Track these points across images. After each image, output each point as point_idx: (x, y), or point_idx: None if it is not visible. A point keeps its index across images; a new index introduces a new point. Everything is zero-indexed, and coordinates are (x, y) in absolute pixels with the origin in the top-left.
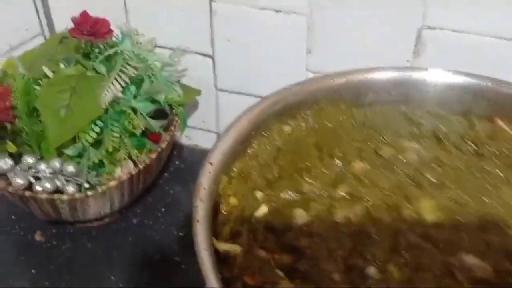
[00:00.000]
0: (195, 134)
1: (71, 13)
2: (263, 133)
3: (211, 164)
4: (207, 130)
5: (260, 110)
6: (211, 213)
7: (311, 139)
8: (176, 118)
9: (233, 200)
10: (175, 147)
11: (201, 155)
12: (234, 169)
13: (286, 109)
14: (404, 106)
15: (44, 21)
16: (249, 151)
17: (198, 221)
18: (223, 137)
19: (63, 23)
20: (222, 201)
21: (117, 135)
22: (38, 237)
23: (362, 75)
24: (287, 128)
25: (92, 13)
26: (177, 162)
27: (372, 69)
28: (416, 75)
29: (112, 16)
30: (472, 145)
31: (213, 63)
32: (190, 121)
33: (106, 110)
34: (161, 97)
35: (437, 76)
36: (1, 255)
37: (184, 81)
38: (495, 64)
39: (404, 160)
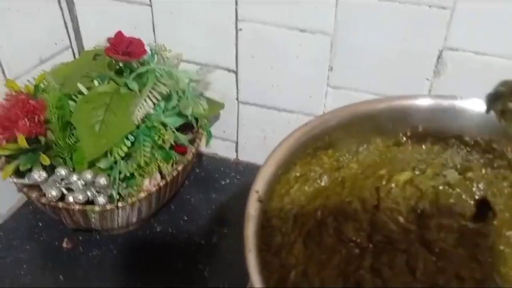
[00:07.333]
0: (215, 143)
1: (99, 28)
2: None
3: (257, 192)
4: (227, 139)
5: (301, 134)
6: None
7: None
8: (201, 131)
9: None
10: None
11: (221, 163)
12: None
13: (324, 134)
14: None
15: (72, 36)
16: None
17: (250, 251)
18: (265, 164)
19: (91, 37)
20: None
21: (149, 149)
22: (65, 244)
23: (400, 102)
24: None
25: (120, 27)
26: (197, 170)
27: (408, 96)
28: (446, 102)
29: (140, 30)
30: None
31: (236, 77)
32: (211, 131)
33: (138, 126)
34: (188, 112)
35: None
36: (30, 262)
37: (207, 93)
38: None
39: None
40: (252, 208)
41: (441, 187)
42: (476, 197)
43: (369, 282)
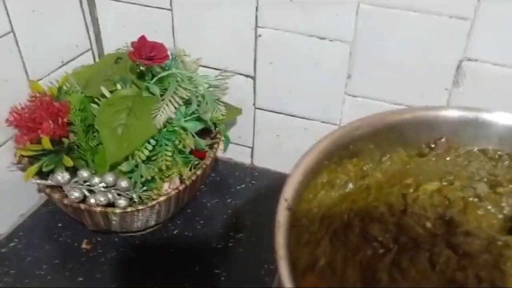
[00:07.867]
0: (230, 149)
1: (119, 31)
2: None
3: (286, 200)
4: (243, 145)
5: (329, 142)
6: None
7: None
8: (219, 136)
9: None
10: None
11: (236, 168)
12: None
13: (349, 143)
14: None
15: (93, 38)
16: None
17: (281, 258)
18: (293, 172)
19: (111, 40)
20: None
21: (170, 154)
22: (84, 245)
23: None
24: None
25: (140, 31)
26: (213, 175)
27: (434, 107)
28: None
29: (159, 34)
30: None
31: (254, 83)
32: None
33: (159, 130)
34: (207, 117)
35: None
36: (49, 263)
37: (224, 98)
38: None
39: None
40: (282, 216)
41: (470, 199)
42: (505, 212)
43: (387, 272)
